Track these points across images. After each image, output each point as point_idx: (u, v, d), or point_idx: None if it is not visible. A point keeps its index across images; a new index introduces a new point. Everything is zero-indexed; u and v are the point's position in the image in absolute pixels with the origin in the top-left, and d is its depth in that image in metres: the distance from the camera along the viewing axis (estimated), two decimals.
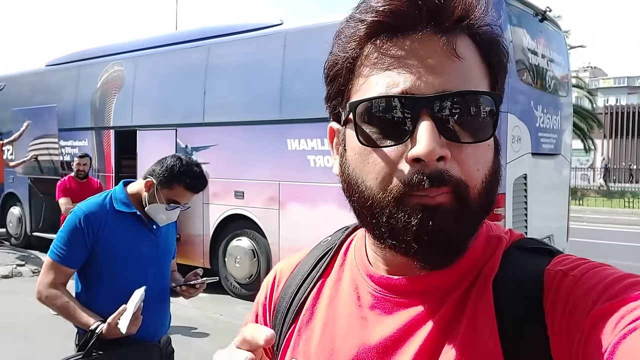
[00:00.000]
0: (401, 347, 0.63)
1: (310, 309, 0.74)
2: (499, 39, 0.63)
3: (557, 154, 6.30)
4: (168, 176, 2.17)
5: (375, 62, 0.60)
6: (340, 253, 0.77)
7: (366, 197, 0.61)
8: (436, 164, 0.56)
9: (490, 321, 0.59)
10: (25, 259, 8.35)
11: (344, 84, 0.64)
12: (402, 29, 0.59)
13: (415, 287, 0.64)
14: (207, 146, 6.92)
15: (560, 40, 6.54)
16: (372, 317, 0.66)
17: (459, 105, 0.57)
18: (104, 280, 2.09)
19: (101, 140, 8.35)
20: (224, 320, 5.93)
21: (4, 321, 5.56)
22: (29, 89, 9.73)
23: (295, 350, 0.73)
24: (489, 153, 0.61)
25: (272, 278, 0.83)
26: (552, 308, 0.57)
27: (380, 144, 0.59)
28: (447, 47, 0.58)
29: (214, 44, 7.08)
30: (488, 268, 0.63)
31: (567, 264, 0.60)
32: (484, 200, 0.60)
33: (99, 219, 2.08)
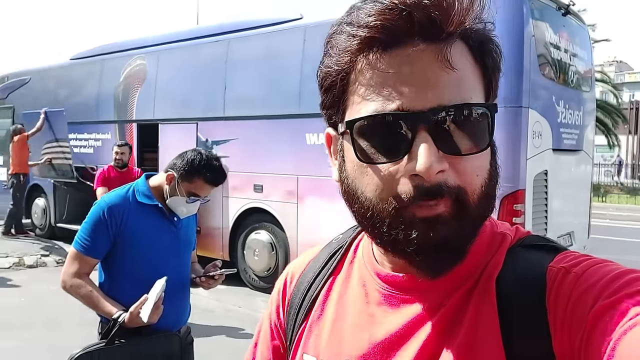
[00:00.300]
0: (406, 342, 0.64)
1: (321, 305, 0.76)
2: (492, 40, 0.63)
3: (579, 150, 6.21)
4: (188, 170, 2.21)
5: (369, 78, 0.60)
6: (350, 251, 0.79)
7: (366, 208, 0.62)
8: (435, 176, 0.57)
9: (493, 318, 0.60)
10: (49, 250, 8.54)
11: (338, 95, 0.64)
12: (394, 43, 0.58)
13: (420, 285, 0.65)
14: (227, 140, 6.99)
15: (584, 34, 6.44)
16: (379, 313, 0.68)
17: (455, 118, 0.58)
18: (127, 271, 2.15)
19: (124, 134, 8.47)
20: (243, 311, 6.00)
21: (30, 310, 5.72)
22: (54, 82, 9.91)
23: (307, 346, 0.75)
24: (486, 158, 0.62)
25: (285, 277, 0.85)
26: (554, 305, 0.57)
27: (379, 160, 0.59)
28: (440, 59, 0.58)
29: (234, 38, 7.13)
30: (491, 266, 0.64)
31: (570, 261, 0.60)
32: (484, 204, 0.61)
33: (122, 211, 2.13)
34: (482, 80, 0.62)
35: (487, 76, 0.63)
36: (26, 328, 5.10)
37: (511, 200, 4.94)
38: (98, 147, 8.93)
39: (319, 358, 0.72)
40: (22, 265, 7.70)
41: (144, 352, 2.06)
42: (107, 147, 8.69)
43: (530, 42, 5.04)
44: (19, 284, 6.79)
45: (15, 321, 5.29)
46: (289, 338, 0.79)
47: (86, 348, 1.97)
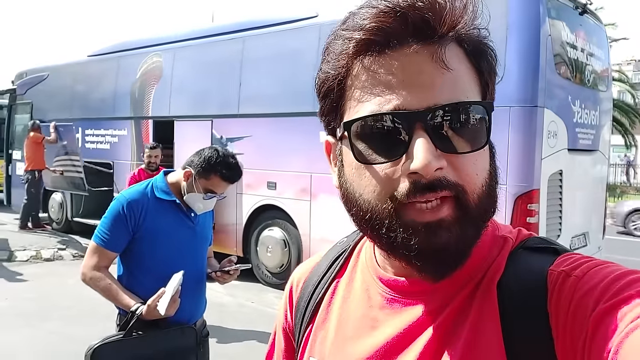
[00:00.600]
0: (408, 345, 0.64)
1: (326, 309, 0.77)
2: (487, 43, 0.63)
3: (595, 150, 6.17)
4: (205, 167, 2.26)
5: (365, 81, 0.60)
6: (354, 254, 0.79)
7: (365, 210, 0.62)
8: (434, 174, 0.56)
9: (495, 323, 0.60)
10: (66, 243, 8.66)
11: (335, 100, 0.64)
12: (390, 45, 0.59)
13: (422, 288, 0.66)
14: (242, 137, 7.04)
15: (601, 34, 6.38)
16: (382, 317, 0.68)
17: (452, 117, 0.58)
18: (145, 264, 2.20)
19: (140, 130, 8.57)
20: (255, 307, 6.06)
21: (47, 302, 5.82)
22: (71, 78, 10.04)
23: (313, 349, 0.76)
24: (485, 158, 0.62)
25: (291, 282, 0.86)
26: (555, 309, 0.57)
27: (377, 160, 0.59)
28: (436, 59, 0.58)
29: (250, 36, 7.17)
30: (493, 269, 0.64)
31: (570, 264, 0.60)
32: (485, 205, 0.61)
33: (140, 206, 2.18)
34: (478, 82, 0.63)
35: (483, 79, 0.63)
36: (42, 319, 5.20)
37: (525, 200, 4.93)
38: (114, 143, 9.03)
39: None
40: (40, 259, 7.83)
41: (161, 344, 2.10)
42: (124, 143, 8.82)
43: (546, 41, 5.01)
44: (36, 277, 6.91)
45: (32, 312, 5.40)
46: (297, 341, 0.81)
47: (105, 339, 2.02)
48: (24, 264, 7.57)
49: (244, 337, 4.95)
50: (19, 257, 7.74)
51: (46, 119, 10.13)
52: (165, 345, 2.11)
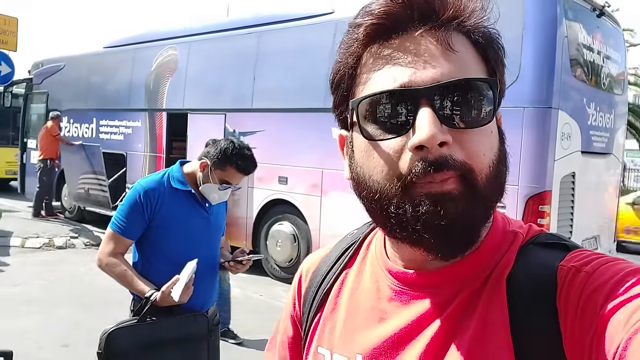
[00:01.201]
0: (415, 337, 0.65)
1: (334, 299, 0.77)
2: (494, 35, 0.64)
3: (609, 153, 6.13)
4: (221, 158, 2.29)
5: (371, 66, 0.62)
6: (364, 246, 0.79)
7: (374, 191, 0.62)
8: (439, 149, 0.57)
9: (503, 317, 0.60)
10: (78, 232, 8.77)
11: (346, 90, 0.66)
12: (396, 30, 0.61)
13: (430, 281, 0.66)
14: (255, 131, 7.07)
15: (618, 36, 6.33)
16: (390, 309, 0.69)
17: (456, 93, 0.59)
18: (160, 252, 2.24)
19: (154, 122, 8.64)
20: (263, 300, 6.10)
21: (58, 289, 5.90)
22: (87, 69, 10.14)
23: (321, 339, 0.76)
24: (493, 139, 0.62)
25: (300, 271, 0.87)
26: (564, 305, 0.57)
27: (384, 137, 0.60)
28: (440, 42, 0.60)
29: (265, 31, 7.20)
30: (502, 264, 0.64)
31: (581, 260, 0.60)
32: (493, 186, 0.61)
33: (157, 195, 2.22)
34: (485, 70, 0.63)
35: (490, 67, 0.64)
36: (54, 306, 5.28)
37: (537, 201, 4.91)
38: (128, 135, 9.11)
39: (332, 351, 0.73)
40: (52, 246, 7.93)
41: (174, 330, 2.14)
42: (138, 135, 8.89)
43: (562, 42, 4.99)
44: (48, 264, 7.01)
45: (44, 299, 5.48)
46: (304, 329, 0.81)
47: (119, 324, 2.06)
48: (37, 251, 7.68)
49: (251, 328, 5.00)
50: (31, 244, 7.85)
51: (61, 109, 10.25)
52: (177, 331, 2.15)
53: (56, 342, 4.38)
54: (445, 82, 0.58)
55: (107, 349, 1.98)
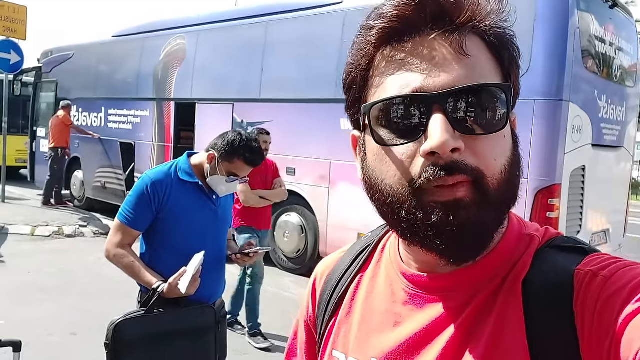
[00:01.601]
0: (431, 341, 0.64)
1: (349, 303, 0.77)
2: (509, 37, 0.63)
3: (620, 146, 6.07)
4: (229, 150, 2.28)
5: (384, 68, 0.62)
6: (378, 249, 0.79)
7: (386, 195, 0.62)
8: (451, 155, 0.57)
9: (519, 321, 0.60)
10: (87, 221, 8.83)
11: (359, 91, 0.66)
12: (409, 33, 0.60)
13: (445, 284, 0.66)
14: (262, 122, 7.05)
15: (631, 28, 6.24)
16: (405, 313, 0.68)
17: (469, 99, 0.58)
18: (167, 244, 2.24)
19: (162, 112, 8.65)
20: (271, 290, 6.11)
21: (68, 278, 5.96)
22: (96, 58, 10.15)
23: (336, 342, 0.76)
24: (505, 144, 0.62)
25: (315, 275, 0.86)
26: (581, 309, 0.57)
27: (396, 142, 0.60)
28: (454, 46, 0.59)
29: (273, 20, 7.17)
30: (518, 267, 0.63)
31: (598, 264, 0.60)
32: (505, 191, 0.60)
33: (164, 187, 2.22)
34: (500, 73, 0.63)
35: (505, 70, 0.63)
36: (63, 294, 5.33)
37: (546, 194, 4.88)
38: (136, 124, 9.14)
39: (347, 355, 0.73)
40: (62, 235, 8.00)
41: (181, 322, 2.15)
42: (145, 124, 8.91)
43: (574, 34, 4.92)
44: (57, 252, 7.07)
45: (53, 287, 5.54)
46: (319, 333, 0.81)
47: (126, 315, 2.07)
48: (46, 239, 7.74)
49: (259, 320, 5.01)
50: (41, 232, 7.91)
51: (70, 98, 10.28)
52: (185, 323, 2.16)
53: (65, 330, 4.43)
54: (458, 88, 0.58)
55: (114, 340, 1.99)
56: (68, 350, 4.07)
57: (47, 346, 4.04)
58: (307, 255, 6.77)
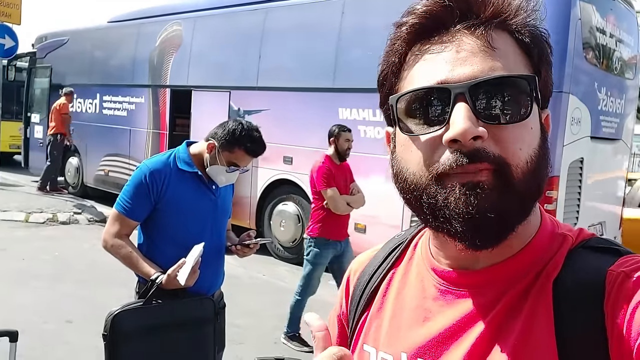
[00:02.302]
0: (460, 336, 0.65)
1: (381, 298, 0.78)
2: (539, 34, 0.65)
3: (618, 139, 6.06)
4: (229, 139, 2.24)
5: (412, 64, 0.65)
6: (410, 247, 0.80)
7: (410, 182, 0.64)
8: (473, 143, 0.58)
9: (548, 320, 0.60)
10: (82, 208, 8.77)
11: (389, 88, 0.68)
12: (437, 29, 0.63)
13: (475, 281, 0.66)
14: (260, 110, 7.01)
15: (632, 20, 6.21)
16: (435, 308, 0.69)
17: (493, 90, 0.60)
18: (165, 234, 2.21)
19: (157, 98, 8.57)
20: (266, 280, 6.12)
21: (62, 265, 5.93)
22: (91, 44, 10.04)
23: (367, 337, 0.77)
24: (531, 135, 0.62)
25: (349, 271, 0.88)
26: (612, 309, 0.56)
27: (421, 132, 0.62)
28: (480, 40, 0.61)
29: (272, 7, 7.08)
30: (550, 267, 0.63)
31: (631, 265, 0.59)
32: (530, 181, 0.61)
33: (163, 176, 2.18)
34: (529, 68, 0.64)
35: (535, 67, 0.64)
36: (57, 281, 5.31)
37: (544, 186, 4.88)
38: (131, 111, 9.06)
39: (378, 349, 0.74)
40: (56, 221, 7.95)
41: (180, 313, 2.13)
42: (141, 111, 8.83)
43: (576, 25, 4.89)
44: (52, 239, 7.02)
45: (48, 274, 5.51)
46: (351, 327, 0.82)
47: (125, 306, 2.05)
48: (41, 226, 7.70)
49: (254, 308, 5.01)
50: (35, 219, 7.86)
51: (65, 84, 10.18)
52: (183, 314, 2.13)
53: (61, 317, 4.40)
54: (482, 79, 0.59)
55: (112, 331, 1.97)
56: (63, 337, 4.05)
57: (42, 333, 4.02)
58: (303, 245, 6.75)
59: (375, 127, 5.88)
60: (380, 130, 5.84)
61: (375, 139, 5.87)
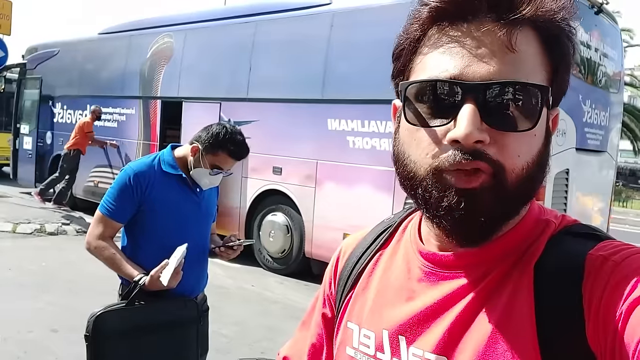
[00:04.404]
0: (440, 315, 0.67)
1: (367, 278, 0.80)
2: (566, 33, 0.63)
3: (603, 151, 6.15)
4: (213, 142, 2.26)
5: (430, 48, 0.64)
6: (399, 230, 0.82)
7: (408, 170, 0.65)
8: (474, 145, 0.58)
9: (529, 300, 0.61)
10: (70, 219, 8.71)
11: (404, 64, 0.68)
12: (462, 16, 0.61)
13: (459, 262, 0.68)
14: (249, 121, 7.04)
15: (616, 35, 6.33)
16: (419, 289, 0.71)
17: (504, 95, 0.59)
18: (149, 236, 2.21)
19: (148, 110, 8.58)
20: (255, 290, 6.09)
21: (48, 275, 5.87)
22: (82, 55, 10.05)
23: (351, 314, 0.79)
24: (534, 143, 0.62)
25: (338, 251, 0.90)
26: (590, 292, 0.58)
27: (427, 124, 0.62)
28: (503, 38, 0.59)
29: (262, 20, 7.16)
30: (532, 250, 0.65)
31: (610, 249, 0.61)
32: (524, 187, 0.62)
33: (147, 178, 2.19)
34: (547, 69, 0.63)
35: (554, 68, 0.64)
36: (44, 291, 5.25)
37: None
38: (122, 122, 9.06)
39: (360, 326, 0.76)
40: (44, 232, 7.88)
41: (163, 314, 2.12)
42: (131, 122, 8.83)
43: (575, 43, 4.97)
44: (39, 250, 6.96)
45: (35, 284, 5.45)
46: (337, 307, 0.84)
47: (107, 307, 2.04)
48: (28, 237, 7.63)
49: (242, 318, 4.99)
50: (23, 229, 7.80)
51: (55, 95, 10.17)
52: (166, 315, 2.13)
53: (46, 326, 4.36)
54: (495, 82, 0.59)
55: (94, 332, 1.96)
56: (48, 346, 4.00)
57: (26, 342, 3.98)
58: (293, 256, 6.75)
59: (363, 138, 5.93)
60: (368, 141, 5.88)
61: (364, 150, 5.91)
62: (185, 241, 2.14)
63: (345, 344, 0.78)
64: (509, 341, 0.60)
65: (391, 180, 5.43)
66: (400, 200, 5.34)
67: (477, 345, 0.62)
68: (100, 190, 9.27)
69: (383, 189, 5.65)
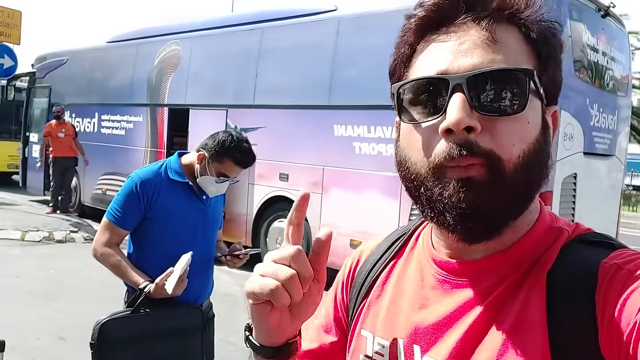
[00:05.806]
0: (454, 324, 0.67)
1: (381, 286, 0.80)
2: (549, 30, 0.65)
3: (611, 155, 6.10)
4: (219, 150, 2.27)
5: (420, 54, 0.67)
6: (413, 238, 0.82)
7: (411, 172, 0.66)
8: (466, 135, 0.60)
9: (541, 310, 0.61)
10: (78, 227, 8.76)
11: (398, 78, 0.70)
12: (444, 22, 0.65)
13: (472, 270, 0.68)
14: (256, 128, 7.05)
15: (623, 38, 6.30)
16: (433, 297, 0.71)
17: (490, 82, 0.61)
18: (155, 243, 2.22)
19: (155, 117, 8.62)
20: None
21: (57, 283, 5.90)
22: (90, 64, 10.13)
23: (365, 322, 0.79)
24: (528, 130, 0.63)
25: (352, 258, 0.90)
26: (603, 301, 0.57)
27: (420, 121, 0.64)
28: (484, 33, 0.62)
29: (268, 27, 7.18)
30: (545, 259, 0.65)
31: (624, 258, 0.60)
32: (522, 176, 0.61)
33: (154, 186, 2.20)
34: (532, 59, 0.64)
35: (542, 63, 0.65)
36: (52, 299, 5.28)
37: None
38: (130, 129, 9.11)
39: (374, 334, 0.76)
40: (52, 240, 7.93)
41: (168, 322, 2.13)
42: (139, 130, 8.88)
43: (567, 42, 4.96)
44: (47, 258, 7.00)
45: (43, 292, 5.47)
46: (351, 314, 0.84)
47: (112, 314, 2.05)
48: (37, 245, 7.67)
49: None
50: (31, 237, 7.84)
51: (64, 103, 10.24)
52: (171, 323, 2.13)
53: (54, 334, 4.37)
54: (479, 71, 0.61)
55: (99, 340, 1.97)
56: (56, 354, 4.01)
57: (34, 350, 3.99)
58: None
59: (370, 144, 5.92)
60: (374, 147, 5.87)
61: (370, 155, 5.90)
62: (191, 249, 2.14)
63: (358, 352, 0.78)
64: (522, 351, 0.60)
65: (398, 186, 5.40)
66: (407, 206, 5.32)
67: (490, 356, 0.62)
68: (108, 198, 9.31)
69: (390, 194, 5.63)
